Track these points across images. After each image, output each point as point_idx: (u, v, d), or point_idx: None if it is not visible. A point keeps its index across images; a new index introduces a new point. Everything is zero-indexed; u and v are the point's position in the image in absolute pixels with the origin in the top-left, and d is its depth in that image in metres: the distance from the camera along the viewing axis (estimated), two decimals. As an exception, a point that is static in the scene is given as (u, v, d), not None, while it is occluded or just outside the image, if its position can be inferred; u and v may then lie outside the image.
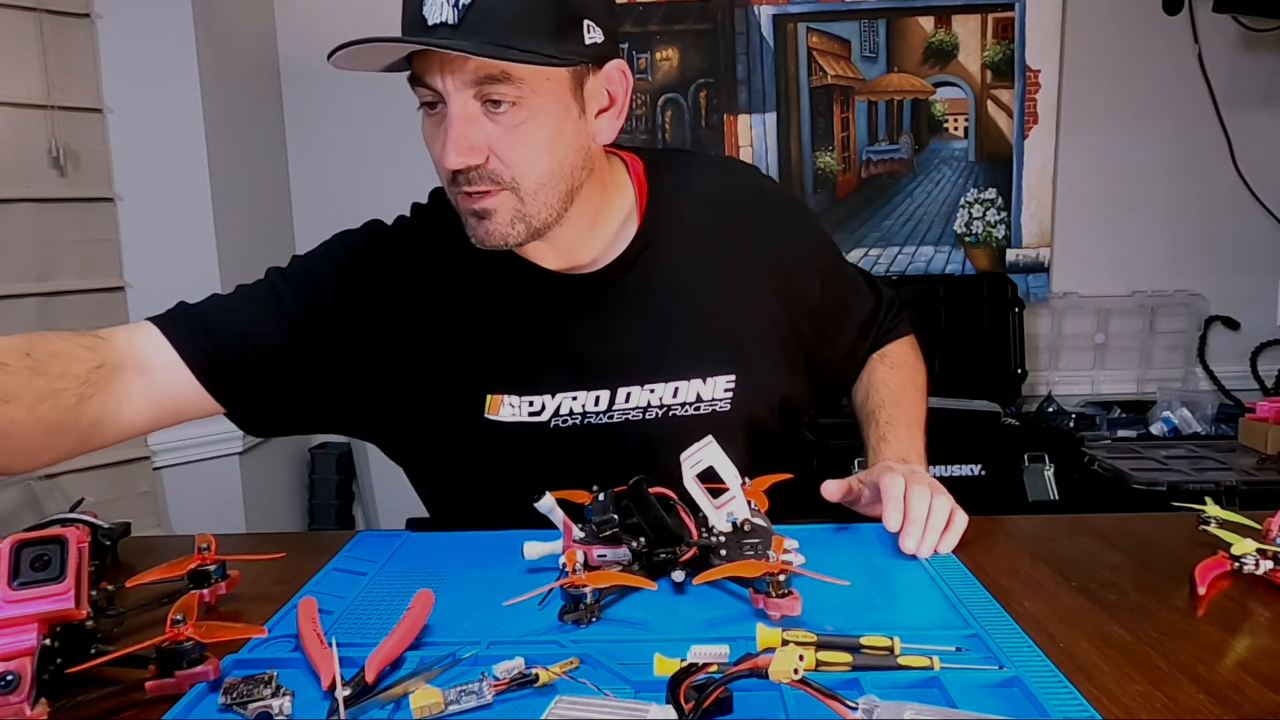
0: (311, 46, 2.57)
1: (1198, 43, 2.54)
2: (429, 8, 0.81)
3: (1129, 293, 2.67)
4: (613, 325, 0.98)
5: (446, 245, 0.96)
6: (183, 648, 0.65)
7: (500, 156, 0.84)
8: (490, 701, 0.62)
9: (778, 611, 0.74)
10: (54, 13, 1.87)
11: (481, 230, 0.88)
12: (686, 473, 0.79)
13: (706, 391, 0.99)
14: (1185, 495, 1.20)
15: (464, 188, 0.85)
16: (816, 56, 2.58)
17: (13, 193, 1.83)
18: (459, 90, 0.82)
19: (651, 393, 0.98)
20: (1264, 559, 0.83)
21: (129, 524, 0.97)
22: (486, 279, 0.97)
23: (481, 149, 0.83)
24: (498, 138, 0.83)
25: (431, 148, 0.87)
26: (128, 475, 2.02)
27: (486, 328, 0.97)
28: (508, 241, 0.88)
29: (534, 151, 0.85)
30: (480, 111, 0.83)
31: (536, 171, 0.86)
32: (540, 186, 0.86)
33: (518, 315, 0.97)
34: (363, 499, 2.72)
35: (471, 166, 0.84)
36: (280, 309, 0.96)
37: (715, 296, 1.00)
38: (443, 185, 0.91)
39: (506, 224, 0.87)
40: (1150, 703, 0.62)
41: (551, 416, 0.97)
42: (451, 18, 0.80)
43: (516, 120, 0.83)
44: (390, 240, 1.01)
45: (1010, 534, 0.99)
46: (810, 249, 1.09)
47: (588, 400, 0.97)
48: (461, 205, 0.88)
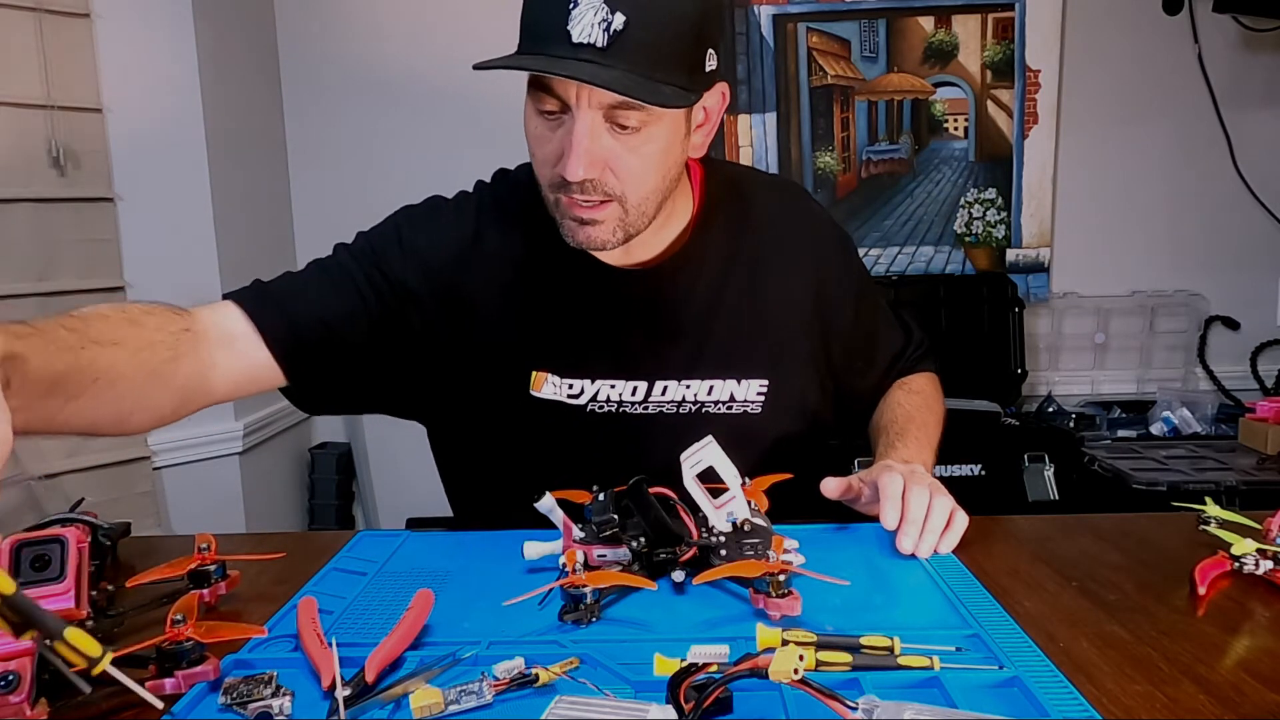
0: (311, 45, 2.57)
1: (1198, 43, 2.54)
2: (577, 25, 0.80)
3: (1129, 293, 2.67)
4: (657, 321, 1.01)
5: (508, 224, 1.01)
6: (183, 648, 0.65)
7: (615, 172, 0.87)
8: (490, 701, 0.62)
9: (778, 611, 0.74)
10: (53, 12, 1.87)
11: (583, 234, 0.91)
12: (686, 473, 0.79)
13: (740, 392, 1.03)
14: (1185, 495, 1.20)
15: (575, 195, 0.88)
16: (816, 56, 2.58)
17: (13, 193, 1.83)
18: (591, 109, 0.84)
19: (687, 388, 1.01)
20: (1264, 559, 0.83)
21: (129, 524, 0.97)
22: (545, 262, 1.00)
23: (601, 164, 0.86)
24: (618, 155, 0.86)
25: (540, 147, 0.89)
26: (128, 475, 2.02)
27: (539, 307, 1.00)
28: (606, 246, 0.92)
29: (647, 169, 0.89)
30: (605, 129, 0.85)
31: (645, 188, 0.90)
32: (644, 200, 0.90)
33: (570, 300, 1.00)
34: (363, 499, 2.72)
35: (588, 178, 0.86)
36: (354, 290, 0.98)
37: (756, 306, 1.04)
38: (540, 179, 0.92)
39: (609, 232, 0.91)
40: (1150, 703, 0.62)
41: (589, 401, 1.01)
42: (601, 40, 0.80)
43: (639, 142, 0.86)
44: (452, 213, 1.04)
45: (1010, 534, 0.99)
46: (850, 279, 1.12)
47: (625, 390, 1.00)
48: (566, 209, 0.90)
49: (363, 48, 2.56)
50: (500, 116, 2.56)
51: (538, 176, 0.92)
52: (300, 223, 2.62)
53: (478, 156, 2.52)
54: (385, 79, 2.57)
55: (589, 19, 0.80)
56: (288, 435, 2.55)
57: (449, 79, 2.55)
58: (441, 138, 2.58)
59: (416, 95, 2.56)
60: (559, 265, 0.99)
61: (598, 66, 0.80)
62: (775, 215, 1.08)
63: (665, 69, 0.83)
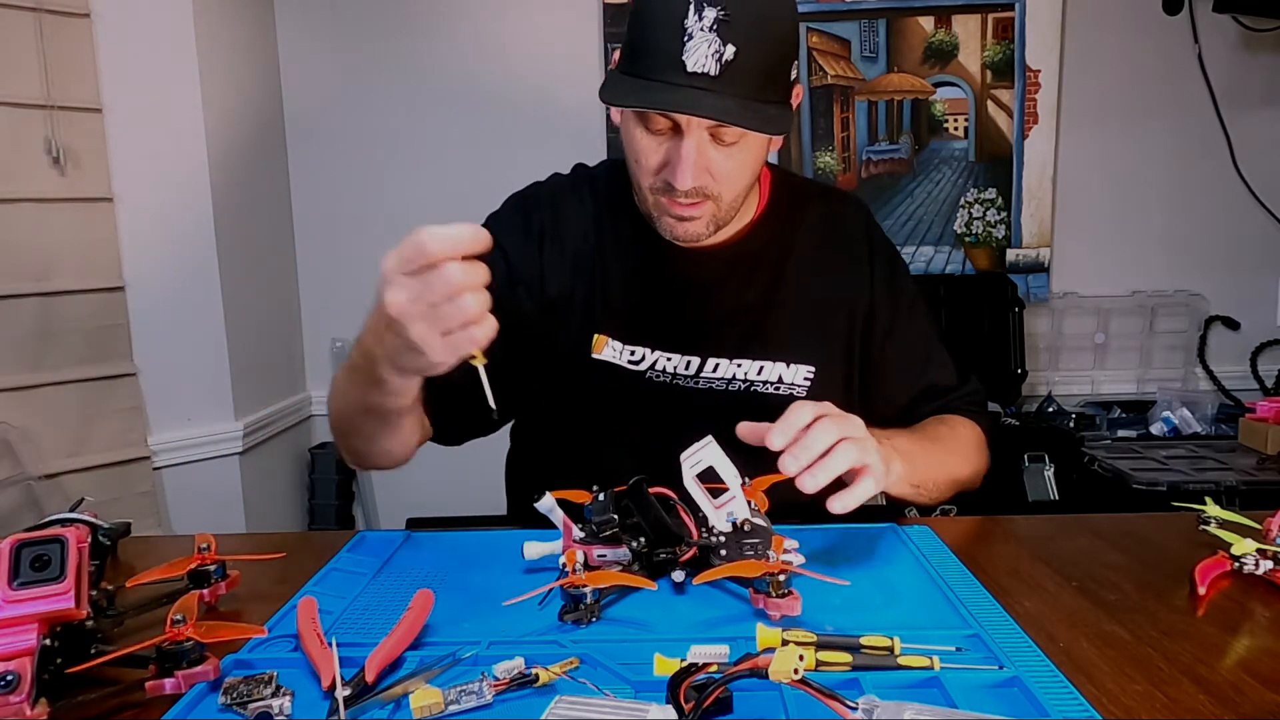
0: (312, 44, 2.57)
1: (1198, 43, 2.54)
2: (692, 56, 0.87)
3: (1129, 293, 2.67)
4: (716, 302, 1.09)
5: (594, 204, 1.11)
6: (183, 648, 0.65)
7: (715, 177, 0.96)
8: (490, 701, 0.62)
9: (778, 611, 0.74)
10: (53, 12, 1.87)
11: (680, 229, 1.00)
12: (686, 473, 0.79)
13: (788, 375, 1.09)
14: (1185, 495, 1.20)
15: (677, 198, 0.96)
16: (816, 56, 2.58)
17: (13, 193, 1.83)
18: (700, 128, 0.92)
19: (739, 367, 1.07)
20: (1264, 559, 0.83)
21: (129, 524, 0.97)
22: (616, 238, 1.10)
23: (704, 171, 0.95)
24: (718, 164, 0.96)
25: (646, 157, 0.97)
26: (128, 475, 2.02)
27: (607, 277, 1.09)
28: (700, 240, 1.01)
29: (742, 173, 0.98)
30: (709, 143, 0.94)
31: (739, 187, 0.99)
32: (736, 197, 1.00)
33: (636, 274, 1.09)
34: (363, 499, 2.72)
35: (695, 185, 0.95)
36: None
37: (807, 300, 1.11)
38: (639, 183, 1.00)
39: (703, 226, 1.00)
40: (1150, 703, 0.62)
41: (648, 369, 1.07)
42: (714, 69, 0.88)
43: (738, 152, 0.96)
44: (547, 190, 1.15)
45: (1010, 534, 0.99)
46: (895, 292, 1.15)
47: (680, 363, 1.07)
48: (668, 208, 0.99)
49: (365, 45, 2.56)
50: (504, 116, 2.57)
51: (636, 177, 1.00)
52: (300, 222, 2.62)
53: (483, 153, 2.54)
54: (388, 74, 2.57)
55: (703, 50, 0.87)
56: (288, 435, 2.55)
57: (453, 77, 2.55)
58: (444, 137, 2.58)
59: (420, 92, 2.56)
60: (629, 242, 1.09)
61: (713, 95, 0.88)
62: (836, 224, 1.15)
63: (768, 90, 0.92)
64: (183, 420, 2.14)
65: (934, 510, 2.04)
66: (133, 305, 2.02)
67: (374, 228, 2.50)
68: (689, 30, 0.87)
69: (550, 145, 2.47)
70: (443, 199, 2.49)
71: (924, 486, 1.00)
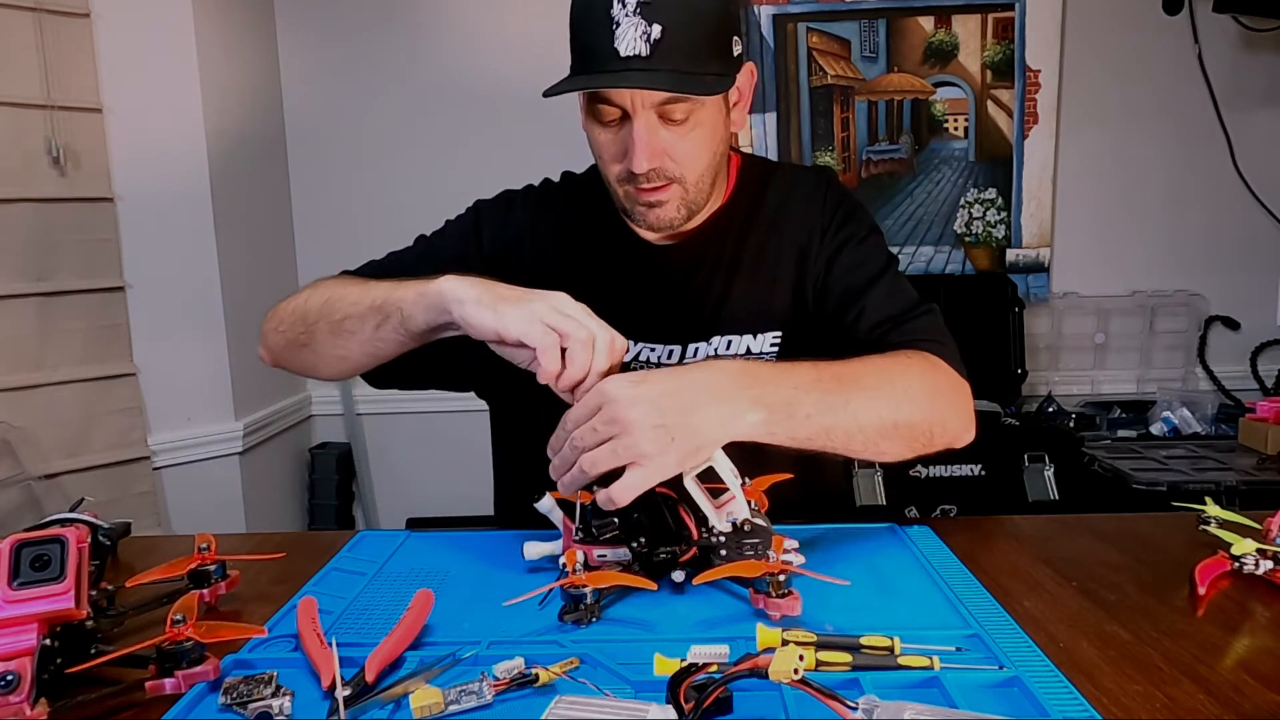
0: (312, 42, 2.57)
1: (1198, 43, 2.54)
2: (622, 42, 0.92)
3: (1129, 293, 2.67)
4: (687, 290, 1.12)
5: (567, 210, 1.15)
6: (183, 648, 0.65)
7: (673, 158, 0.99)
8: (490, 701, 0.62)
9: (778, 611, 0.74)
10: (53, 12, 1.87)
11: (653, 216, 1.03)
12: (686, 473, 0.79)
13: (755, 346, 1.10)
14: (1185, 495, 1.20)
15: (641, 185, 1.00)
16: (816, 56, 2.58)
17: (12, 193, 1.83)
18: (645, 110, 0.95)
19: (713, 347, 1.10)
20: (1264, 559, 0.83)
21: (129, 524, 0.97)
22: (594, 241, 1.13)
23: (661, 154, 0.98)
24: (673, 144, 0.98)
25: (606, 151, 1.01)
26: (128, 475, 2.02)
27: (587, 279, 1.08)
28: (674, 224, 1.04)
29: (699, 151, 1.00)
30: (660, 125, 0.97)
31: (700, 166, 1.01)
32: (701, 176, 1.02)
33: (613, 271, 1.11)
34: (363, 499, 2.72)
35: (651, 168, 0.98)
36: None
37: (763, 265, 1.12)
38: (609, 180, 1.03)
39: (674, 210, 1.02)
40: (1150, 703, 0.62)
41: (632, 360, 1.10)
42: (644, 50, 0.92)
43: (689, 129, 0.98)
44: (520, 198, 1.19)
45: (1010, 534, 0.99)
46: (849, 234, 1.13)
47: (662, 353, 1.10)
48: (636, 197, 1.02)
49: (364, 43, 2.56)
50: (501, 114, 2.57)
51: (605, 175, 1.04)
52: (300, 222, 2.62)
53: (483, 153, 2.54)
54: (387, 74, 2.57)
55: (631, 34, 0.91)
56: (288, 435, 2.55)
57: (453, 77, 2.55)
58: (443, 135, 2.57)
59: (419, 91, 2.56)
60: (605, 242, 1.12)
61: (647, 73, 0.91)
62: (791, 186, 1.16)
63: (701, 62, 0.94)
64: (183, 420, 2.15)
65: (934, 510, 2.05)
66: (133, 305, 2.02)
67: (374, 227, 2.50)
68: (615, 19, 0.91)
69: (549, 146, 2.45)
70: (443, 199, 2.47)
71: (832, 435, 0.88)
